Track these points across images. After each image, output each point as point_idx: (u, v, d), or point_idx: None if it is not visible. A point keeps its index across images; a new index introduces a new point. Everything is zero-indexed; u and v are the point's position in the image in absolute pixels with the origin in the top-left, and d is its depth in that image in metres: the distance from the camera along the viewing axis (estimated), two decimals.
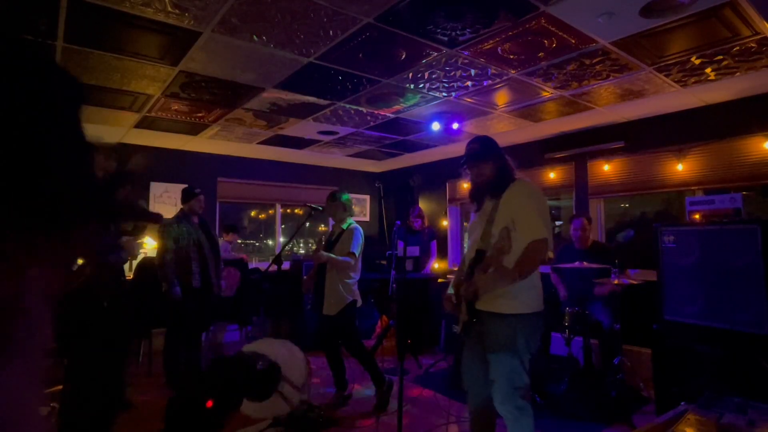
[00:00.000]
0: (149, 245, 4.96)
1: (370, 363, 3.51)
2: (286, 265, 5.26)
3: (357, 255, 3.49)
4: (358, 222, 3.73)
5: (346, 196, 3.65)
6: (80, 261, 0.36)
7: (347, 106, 4.02)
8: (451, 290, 2.42)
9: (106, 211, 0.38)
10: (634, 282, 3.54)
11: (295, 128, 4.77)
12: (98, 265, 2.94)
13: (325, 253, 3.41)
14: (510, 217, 2.10)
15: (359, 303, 3.56)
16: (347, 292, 3.47)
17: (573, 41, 2.76)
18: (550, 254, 2.57)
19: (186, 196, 4.06)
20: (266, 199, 6.58)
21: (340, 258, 3.42)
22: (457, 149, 5.85)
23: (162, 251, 3.87)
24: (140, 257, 4.64)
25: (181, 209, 4.08)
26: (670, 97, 3.79)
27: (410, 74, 3.29)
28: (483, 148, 2.27)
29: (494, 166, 2.24)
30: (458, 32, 2.65)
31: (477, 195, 2.34)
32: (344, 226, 3.58)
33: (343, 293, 3.45)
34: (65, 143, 0.34)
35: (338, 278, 3.45)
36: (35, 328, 0.34)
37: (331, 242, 3.59)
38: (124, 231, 3.63)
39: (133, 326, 4.19)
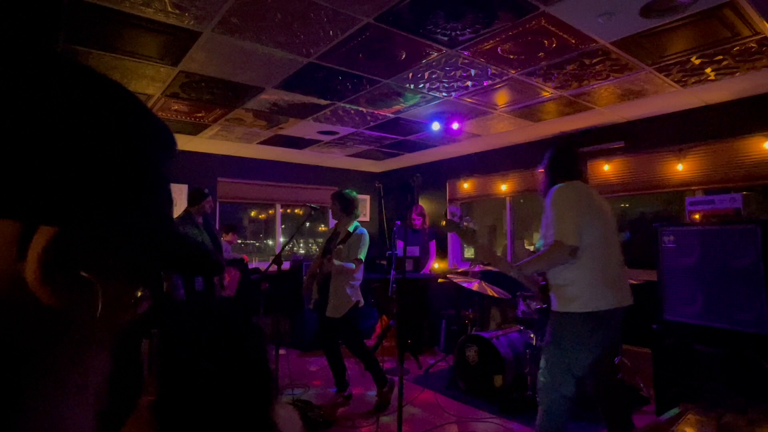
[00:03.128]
0: None
1: (372, 363, 3.51)
2: (286, 265, 5.26)
3: (362, 260, 3.51)
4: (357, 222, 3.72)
5: (352, 194, 3.63)
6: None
7: (347, 106, 4.02)
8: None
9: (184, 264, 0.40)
10: (634, 282, 3.54)
11: (295, 128, 4.77)
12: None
13: (337, 263, 3.39)
14: (546, 220, 2.31)
15: (361, 303, 3.57)
16: (352, 295, 3.48)
17: (573, 41, 2.76)
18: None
19: (196, 198, 4.05)
20: (266, 199, 6.58)
21: (346, 265, 3.43)
22: (457, 149, 5.85)
23: None
24: None
25: (187, 210, 4.07)
26: (670, 97, 3.79)
27: (410, 74, 3.29)
28: (545, 159, 2.47)
29: (543, 175, 2.47)
30: (458, 32, 2.65)
31: (542, 195, 2.55)
32: (350, 229, 3.56)
33: (349, 296, 3.46)
34: (160, 192, 0.37)
35: (344, 282, 3.45)
36: (92, 354, 0.34)
37: (334, 242, 3.57)
38: None
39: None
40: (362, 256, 3.50)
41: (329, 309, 3.44)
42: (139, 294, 0.36)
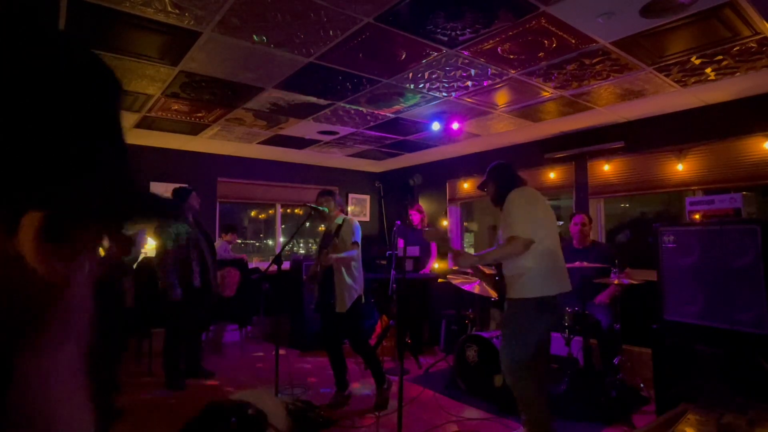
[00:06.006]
0: (149, 245, 4.96)
1: (374, 361, 3.52)
2: (286, 265, 5.26)
3: (359, 244, 3.51)
4: (358, 222, 3.74)
5: (335, 194, 3.72)
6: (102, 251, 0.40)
7: (347, 106, 4.02)
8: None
9: (146, 208, 0.41)
10: (634, 282, 3.54)
11: (295, 128, 4.77)
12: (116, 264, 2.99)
13: (333, 255, 3.41)
14: (504, 220, 2.65)
15: (362, 299, 3.59)
16: (356, 287, 3.50)
17: (573, 41, 2.76)
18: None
19: (182, 196, 4.04)
20: (266, 199, 6.58)
21: (345, 254, 3.43)
22: (457, 149, 5.85)
23: (162, 251, 3.87)
24: (140, 257, 4.64)
25: None
26: (670, 97, 3.79)
27: (410, 74, 3.29)
28: (486, 176, 2.88)
29: (493, 186, 2.84)
30: (458, 32, 2.65)
31: (495, 204, 2.90)
32: (338, 221, 3.60)
33: (353, 287, 3.48)
34: (110, 137, 0.37)
35: (346, 274, 3.47)
36: (80, 314, 0.36)
37: (330, 239, 3.60)
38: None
39: (128, 327, 4.20)
40: (358, 239, 3.51)
41: (338, 305, 3.44)
42: (105, 249, 0.38)
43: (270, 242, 7.24)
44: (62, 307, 0.34)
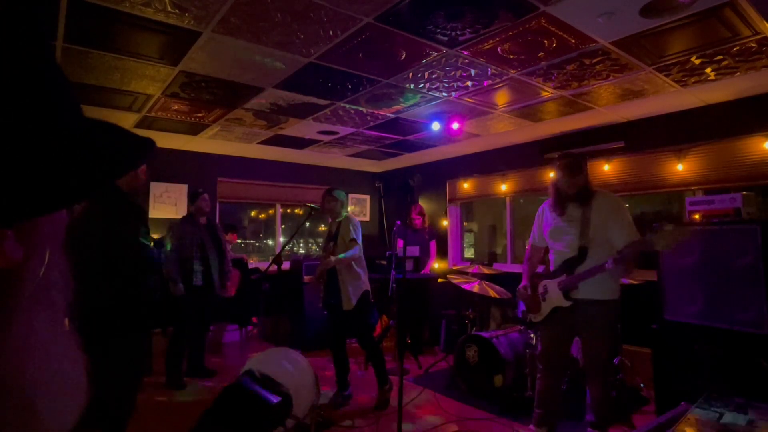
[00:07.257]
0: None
1: (379, 359, 3.52)
2: (286, 265, 5.26)
3: (359, 242, 3.51)
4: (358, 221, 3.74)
5: (342, 194, 3.69)
6: None
7: (347, 106, 4.02)
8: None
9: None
10: (635, 282, 3.54)
11: (295, 128, 4.77)
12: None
13: (332, 258, 3.41)
14: (605, 222, 2.63)
15: (369, 294, 3.60)
16: (362, 283, 3.51)
17: (573, 41, 2.76)
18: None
19: (192, 198, 4.25)
20: (266, 199, 6.58)
21: (346, 255, 3.43)
22: (457, 149, 5.85)
23: (166, 249, 4.03)
24: None
25: (189, 211, 4.26)
26: (670, 97, 3.79)
27: (410, 74, 3.29)
28: (578, 160, 2.72)
29: (585, 178, 2.71)
30: (458, 32, 2.65)
31: (562, 202, 2.76)
32: (339, 220, 3.61)
33: (358, 284, 3.48)
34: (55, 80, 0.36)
35: (349, 273, 3.48)
36: (52, 271, 0.37)
37: (332, 239, 3.61)
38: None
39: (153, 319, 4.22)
40: (356, 236, 3.51)
41: (344, 303, 3.45)
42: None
43: (270, 242, 7.24)
44: (28, 282, 0.35)
